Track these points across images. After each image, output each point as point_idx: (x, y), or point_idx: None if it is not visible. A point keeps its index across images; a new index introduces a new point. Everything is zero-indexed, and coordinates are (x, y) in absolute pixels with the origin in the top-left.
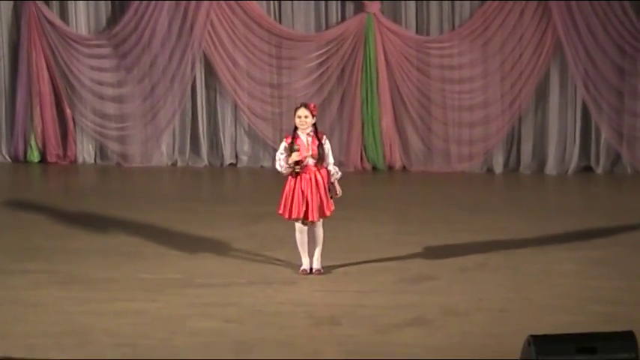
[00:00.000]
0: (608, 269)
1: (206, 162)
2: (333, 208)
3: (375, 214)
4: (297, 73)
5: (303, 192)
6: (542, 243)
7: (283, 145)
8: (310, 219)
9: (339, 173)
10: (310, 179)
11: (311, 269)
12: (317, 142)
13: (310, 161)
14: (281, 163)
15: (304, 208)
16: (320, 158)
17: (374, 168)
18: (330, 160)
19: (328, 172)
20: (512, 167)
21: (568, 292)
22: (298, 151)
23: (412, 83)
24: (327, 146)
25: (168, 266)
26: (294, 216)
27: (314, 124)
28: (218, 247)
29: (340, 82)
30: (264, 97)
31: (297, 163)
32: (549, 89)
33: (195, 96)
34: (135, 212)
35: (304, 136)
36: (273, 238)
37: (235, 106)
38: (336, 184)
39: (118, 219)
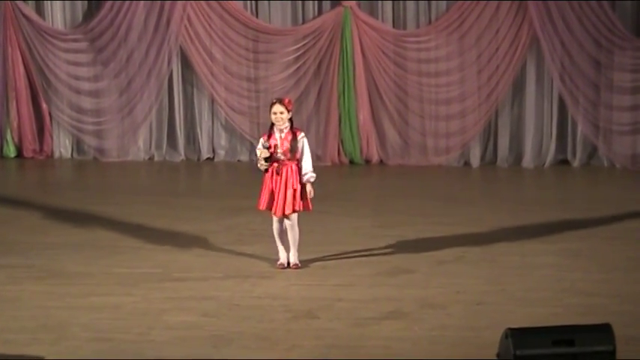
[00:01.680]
0: (585, 261)
1: (183, 156)
2: (301, 208)
3: (353, 207)
4: (274, 67)
5: (272, 187)
6: (520, 235)
7: (261, 141)
8: (273, 214)
9: (313, 175)
10: (280, 175)
11: (288, 263)
12: (290, 138)
13: (281, 157)
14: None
15: (270, 202)
16: (292, 153)
17: (351, 162)
18: (306, 159)
19: (300, 169)
20: (489, 160)
21: (545, 285)
22: (268, 149)
23: (389, 77)
24: (302, 144)
25: (144, 260)
26: (261, 207)
27: (290, 119)
28: (195, 241)
29: (317, 76)
30: (241, 91)
31: (265, 159)
32: (526, 82)
33: (172, 90)
34: (111, 206)
35: (278, 133)
36: (250, 232)
37: (212, 100)
38: (309, 186)
39: (94, 213)
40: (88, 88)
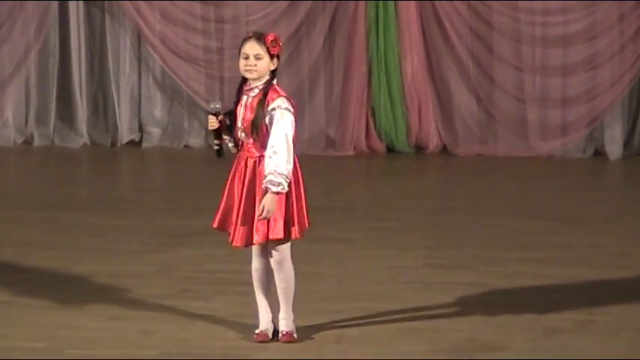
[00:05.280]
0: None
1: (86, 138)
2: (281, 233)
3: (393, 232)
4: None
5: (229, 191)
6: None
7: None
8: (229, 241)
9: (277, 182)
10: (245, 172)
11: (275, 332)
12: (256, 103)
13: (243, 137)
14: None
15: (224, 220)
16: (254, 130)
17: (390, 149)
18: (273, 144)
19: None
20: (637, 149)
21: None
22: (218, 115)
23: None
24: (274, 117)
25: (17, 327)
26: (213, 224)
27: (272, 72)
28: (107, 292)
29: None
30: (190, 22)
31: (216, 135)
32: None
33: (67, 22)
34: None
35: (245, 94)
36: (207, 276)
37: (139, 39)
38: (268, 197)
39: None
40: None
